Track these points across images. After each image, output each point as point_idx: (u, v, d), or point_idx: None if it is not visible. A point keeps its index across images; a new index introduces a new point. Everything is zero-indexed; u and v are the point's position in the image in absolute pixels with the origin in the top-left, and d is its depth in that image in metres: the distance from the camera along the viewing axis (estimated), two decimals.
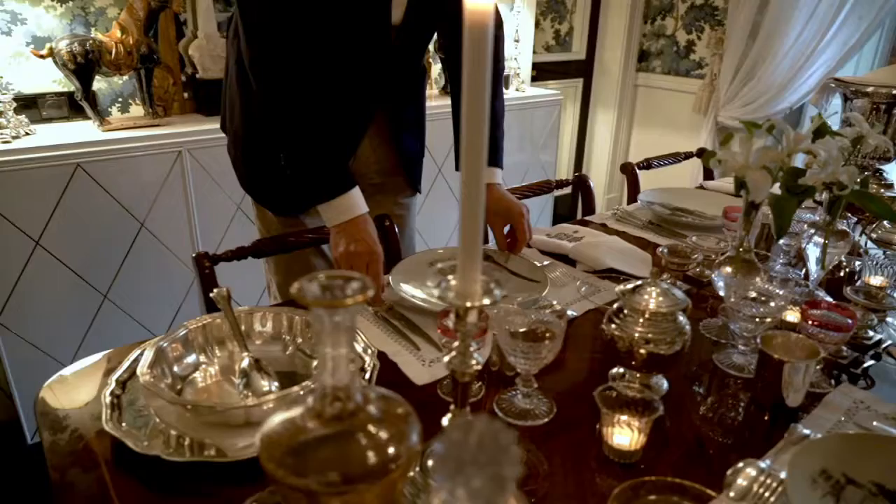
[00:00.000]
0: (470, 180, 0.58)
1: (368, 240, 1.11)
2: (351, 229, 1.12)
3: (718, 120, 3.29)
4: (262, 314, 0.99)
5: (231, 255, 1.17)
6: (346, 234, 1.11)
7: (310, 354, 0.94)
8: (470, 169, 0.58)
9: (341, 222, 1.12)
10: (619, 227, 1.56)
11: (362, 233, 1.11)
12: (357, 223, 1.12)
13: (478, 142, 0.57)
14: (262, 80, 1.12)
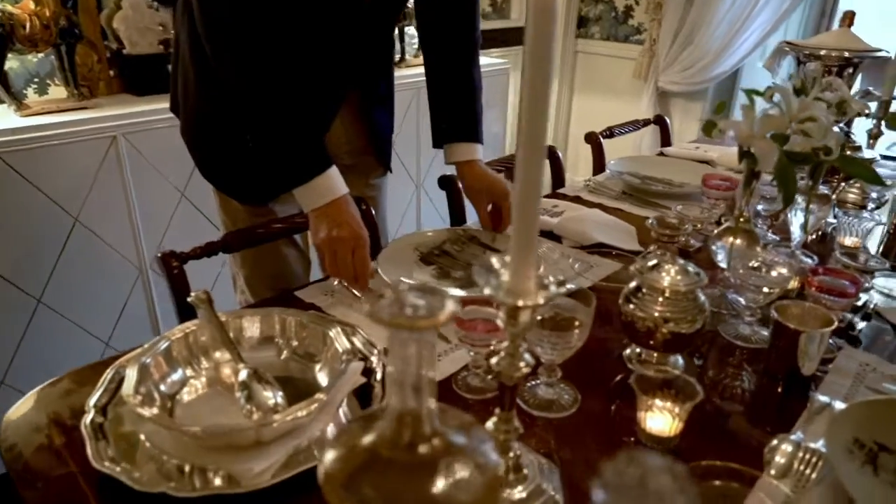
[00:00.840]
0: (526, 170, 0.52)
1: (352, 223, 1.03)
2: (332, 212, 1.03)
3: (659, 85, 3.34)
4: (249, 317, 0.90)
5: (200, 251, 1.06)
6: (327, 219, 1.03)
7: (311, 357, 0.87)
8: (526, 158, 0.52)
9: (320, 206, 1.03)
10: (594, 198, 1.54)
11: (345, 215, 1.03)
12: (338, 205, 1.04)
13: (537, 129, 0.51)
14: (222, 52, 1.01)
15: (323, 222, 1.03)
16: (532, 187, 0.53)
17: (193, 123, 1.19)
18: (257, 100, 1.00)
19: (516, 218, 0.54)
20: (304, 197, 1.04)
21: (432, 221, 2.79)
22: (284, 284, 1.35)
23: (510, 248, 0.56)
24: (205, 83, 1.13)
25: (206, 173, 1.25)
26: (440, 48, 1.27)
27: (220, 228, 1.33)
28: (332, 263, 1.03)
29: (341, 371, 0.77)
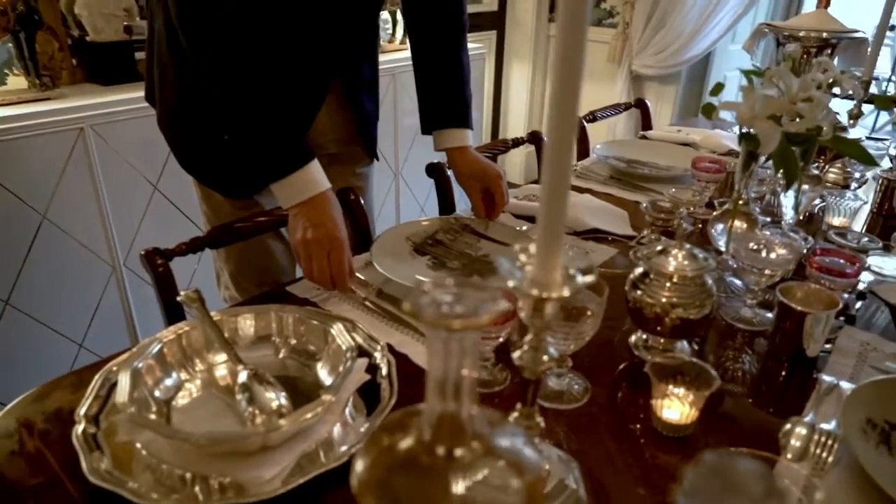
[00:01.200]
0: (555, 154, 0.49)
1: (328, 223, 0.97)
2: (310, 211, 0.98)
3: (633, 69, 3.35)
4: (244, 315, 0.86)
5: (186, 248, 1.01)
6: (304, 218, 0.97)
7: (311, 355, 0.83)
8: (555, 145, 0.49)
9: (299, 203, 0.98)
10: (583, 183, 1.52)
11: (322, 216, 0.98)
12: (317, 203, 0.98)
13: (567, 114, 0.48)
14: (197, 38, 0.95)
15: (300, 221, 0.98)
16: (561, 175, 0.50)
17: (171, 114, 1.14)
18: (234, 90, 0.94)
19: (544, 206, 0.52)
20: (281, 193, 0.99)
21: (411, 210, 2.76)
22: (271, 279, 1.31)
23: (536, 238, 0.53)
24: (182, 72, 1.07)
25: (186, 165, 1.19)
26: (427, 31, 1.23)
27: (200, 222, 1.28)
28: (307, 267, 0.98)
29: (346, 369, 0.73)
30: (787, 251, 0.93)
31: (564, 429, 0.75)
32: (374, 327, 0.92)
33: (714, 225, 1.04)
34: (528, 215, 1.31)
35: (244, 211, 1.21)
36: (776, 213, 1.27)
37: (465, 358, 0.39)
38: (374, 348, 0.82)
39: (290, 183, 0.97)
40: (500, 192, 1.22)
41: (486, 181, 1.23)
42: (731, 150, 1.74)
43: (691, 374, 0.73)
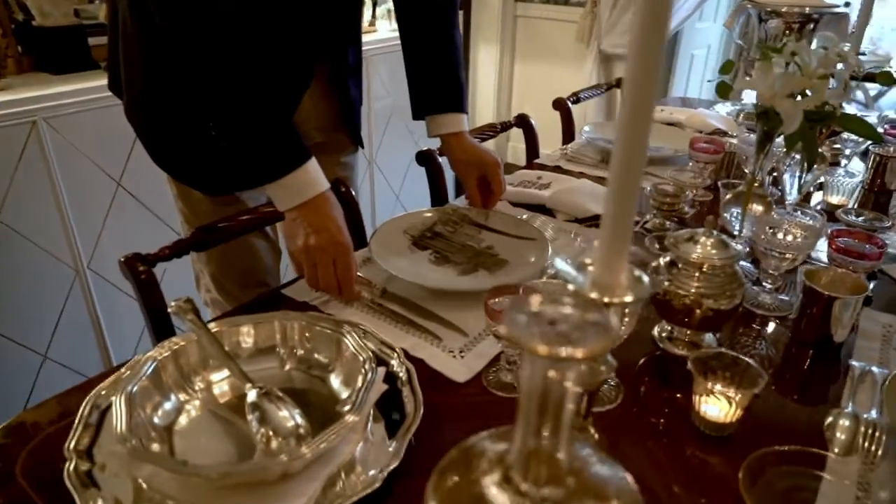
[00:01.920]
0: (626, 149, 0.44)
1: (332, 227, 0.89)
2: (310, 214, 0.90)
3: (602, 49, 3.32)
4: (244, 326, 0.78)
5: (169, 251, 0.92)
6: (304, 222, 0.89)
7: (321, 366, 0.77)
8: (627, 136, 0.44)
9: (297, 205, 0.90)
10: (574, 167, 1.48)
11: (325, 219, 0.90)
12: (317, 205, 0.90)
13: (643, 102, 0.42)
14: (175, 21, 0.86)
15: (300, 226, 0.90)
16: (632, 170, 0.45)
17: (143, 106, 1.03)
18: (223, 78, 0.85)
19: (611, 202, 0.46)
20: (277, 195, 0.90)
21: (387, 199, 2.68)
22: (256, 279, 1.23)
23: (600, 239, 0.48)
24: (156, 60, 0.97)
25: (161, 162, 1.10)
26: (418, 9, 1.15)
27: (169, 220, 1.19)
28: (311, 275, 0.90)
29: (368, 382, 0.67)
30: (805, 233, 0.90)
31: (601, 432, 0.71)
32: (384, 330, 0.85)
33: (728, 208, 1.00)
34: (524, 202, 1.26)
35: (226, 208, 1.12)
36: (779, 193, 1.25)
37: (568, 384, 0.33)
38: (390, 355, 0.76)
39: (288, 184, 0.89)
40: (498, 180, 1.16)
41: (483, 169, 1.17)
42: (718, 130, 1.72)
43: (735, 370, 0.69)
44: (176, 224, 1.80)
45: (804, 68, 0.87)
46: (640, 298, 0.48)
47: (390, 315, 0.90)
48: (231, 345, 0.77)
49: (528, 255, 1.02)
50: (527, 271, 0.97)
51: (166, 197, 1.18)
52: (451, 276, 0.99)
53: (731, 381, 0.68)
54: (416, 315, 0.89)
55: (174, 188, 1.14)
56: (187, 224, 1.16)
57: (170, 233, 1.79)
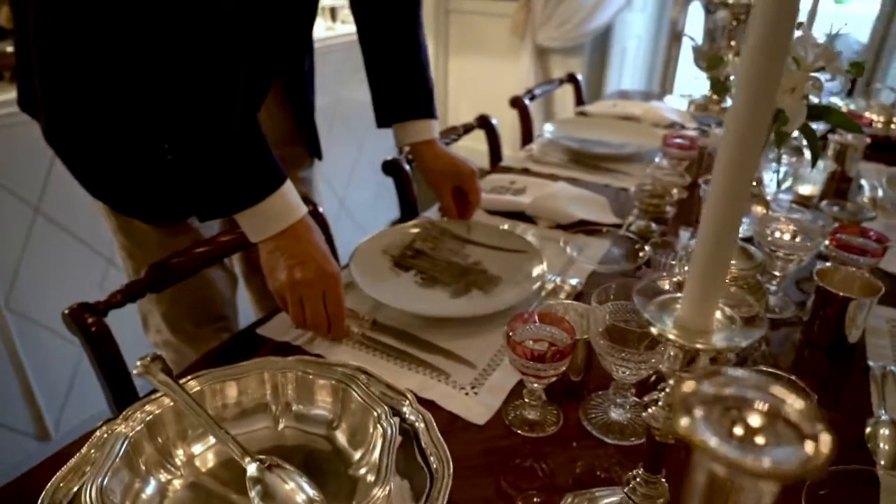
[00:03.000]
0: (728, 170, 0.37)
1: (318, 257, 0.79)
2: (291, 244, 0.79)
3: (537, 42, 3.30)
4: (225, 382, 0.67)
5: (121, 297, 0.79)
6: (284, 253, 0.79)
7: (322, 422, 0.67)
8: (733, 152, 0.37)
9: (274, 234, 0.79)
10: (544, 169, 1.43)
11: (308, 247, 0.79)
12: (297, 233, 0.79)
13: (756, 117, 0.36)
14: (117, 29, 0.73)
15: (279, 259, 0.79)
16: (735, 195, 0.38)
17: (69, 127, 0.88)
18: (178, 91, 0.72)
19: (706, 233, 0.40)
20: (250, 224, 0.79)
21: (329, 205, 2.55)
22: (214, 313, 1.10)
23: (689, 273, 0.42)
24: (87, 72, 0.83)
25: (95, 190, 0.95)
26: (378, 6, 1.05)
27: (102, 249, 1.04)
28: (297, 313, 0.80)
29: (390, 442, 0.58)
30: (804, 231, 0.88)
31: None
32: (381, 368, 0.76)
33: None
34: (502, 210, 1.19)
35: (176, 239, 0.99)
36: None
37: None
38: (400, 401, 0.67)
39: (262, 212, 0.77)
40: (476, 189, 1.09)
41: (458, 179, 1.09)
42: (674, 123, 1.72)
43: None
44: (107, 250, 1.63)
45: (801, 62, 0.84)
46: (736, 347, 0.42)
47: (385, 350, 0.81)
48: (214, 407, 0.66)
49: (520, 270, 0.96)
50: (524, 288, 0.90)
51: (97, 222, 1.03)
52: (443, 300, 0.91)
53: None
54: (415, 348, 0.81)
55: (113, 220, 0.99)
56: (131, 260, 1.02)
57: (101, 262, 1.61)
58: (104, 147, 0.89)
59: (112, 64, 0.79)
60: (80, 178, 0.94)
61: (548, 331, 0.68)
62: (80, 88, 0.86)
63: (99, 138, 0.89)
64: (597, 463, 0.65)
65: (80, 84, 0.85)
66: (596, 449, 0.67)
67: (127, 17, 0.69)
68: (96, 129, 0.88)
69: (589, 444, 0.68)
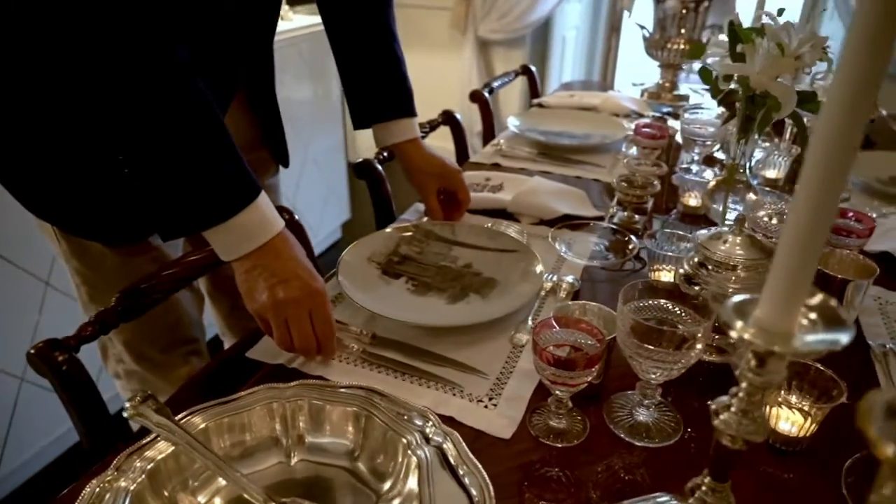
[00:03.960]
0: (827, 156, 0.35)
1: (302, 272, 0.72)
2: (271, 261, 0.72)
3: (479, 35, 3.28)
4: (228, 418, 0.61)
5: (93, 329, 0.70)
6: (265, 271, 0.71)
7: (342, 452, 0.61)
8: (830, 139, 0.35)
9: (250, 251, 0.71)
10: (514, 164, 1.40)
11: (290, 263, 0.72)
12: (276, 248, 0.72)
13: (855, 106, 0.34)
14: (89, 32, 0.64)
15: (259, 279, 0.71)
16: (830, 190, 0.36)
17: (5, 140, 0.78)
18: (132, 92, 0.64)
19: (793, 228, 0.37)
20: (223, 242, 0.71)
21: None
22: (181, 336, 1.02)
23: (772, 273, 0.39)
24: (24, 76, 0.74)
25: (41, 210, 0.85)
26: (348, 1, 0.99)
27: (42, 273, 0.94)
28: (282, 335, 0.73)
29: (428, 473, 0.54)
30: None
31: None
32: (390, 386, 0.71)
33: (714, 199, 0.97)
34: (482, 208, 1.16)
35: (136, 259, 0.90)
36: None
37: None
38: (425, 424, 0.63)
39: (236, 227, 0.69)
40: (465, 188, 1.05)
41: (445, 179, 1.05)
42: (632, 112, 1.73)
43: (809, 380, 0.65)
44: (43, 271, 1.48)
45: (784, 48, 0.85)
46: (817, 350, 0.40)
47: (390, 365, 0.76)
48: (219, 447, 0.59)
49: (514, 270, 0.93)
50: (525, 290, 0.87)
51: (33, 239, 0.93)
52: (441, 307, 0.87)
53: (803, 392, 0.64)
54: (422, 361, 0.76)
55: (63, 244, 0.89)
56: (87, 286, 0.92)
57: (38, 285, 1.47)
58: (50, 162, 0.80)
59: (56, 67, 0.70)
60: (21, 198, 0.84)
61: (569, 335, 0.65)
62: (19, 96, 0.76)
63: (43, 152, 0.79)
64: (634, 468, 0.63)
65: (19, 91, 0.75)
66: (628, 453, 0.65)
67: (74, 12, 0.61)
68: (40, 141, 0.79)
69: (618, 448, 0.65)
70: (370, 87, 1.02)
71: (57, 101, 0.75)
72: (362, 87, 1.03)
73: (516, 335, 0.81)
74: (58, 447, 1.65)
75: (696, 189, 1.15)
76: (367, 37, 1.01)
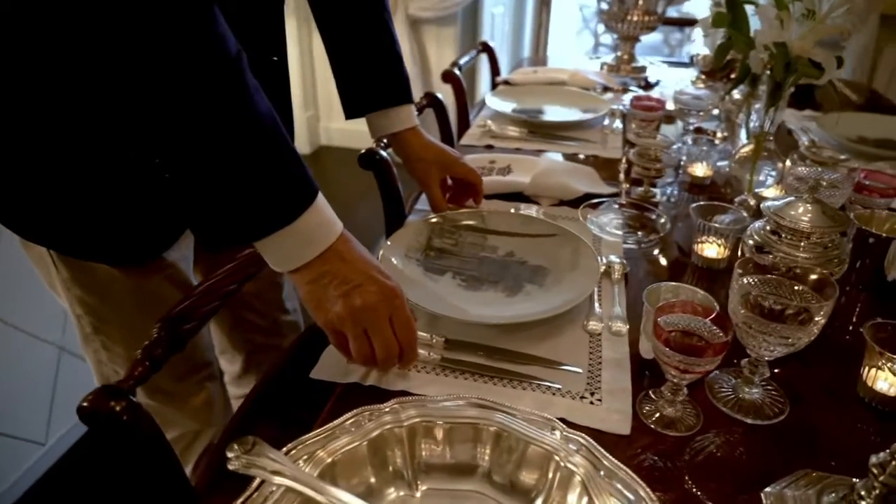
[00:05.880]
0: None
1: (375, 273, 0.65)
2: (339, 266, 0.63)
3: (409, 13, 3.19)
4: (345, 453, 0.54)
5: (143, 368, 0.60)
6: (334, 279, 0.63)
7: (489, 474, 0.56)
8: None
9: (313, 258, 0.62)
10: (507, 144, 1.36)
11: (360, 265, 0.64)
12: (340, 252, 0.64)
13: None
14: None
15: (328, 287, 0.63)
16: None
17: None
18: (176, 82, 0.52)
19: None
20: (283, 251, 0.62)
21: None
22: (197, 362, 0.93)
23: None
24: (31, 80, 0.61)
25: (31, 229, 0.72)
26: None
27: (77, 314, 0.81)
28: (361, 347, 0.65)
29: (588, 482, 0.50)
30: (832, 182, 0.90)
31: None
32: (483, 392, 0.66)
33: (743, 168, 0.98)
34: (498, 192, 1.11)
35: (150, 280, 0.79)
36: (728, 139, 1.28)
37: None
38: (553, 429, 0.58)
39: (297, 232, 0.60)
40: (471, 170, 1.00)
41: (449, 167, 0.99)
42: (599, 85, 1.73)
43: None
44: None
45: (815, 13, 0.85)
46: None
47: (474, 370, 0.70)
48: (344, 485, 0.52)
49: (562, 255, 0.89)
50: (586, 275, 0.83)
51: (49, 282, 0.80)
52: (502, 301, 0.82)
53: None
54: (504, 361, 0.71)
55: (62, 270, 0.76)
56: (91, 317, 0.80)
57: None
58: (50, 170, 0.67)
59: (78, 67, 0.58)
60: (8, 219, 0.71)
61: (680, 319, 0.63)
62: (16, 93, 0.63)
63: (44, 158, 0.66)
64: (760, 447, 0.62)
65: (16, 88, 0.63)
66: (745, 432, 0.64)
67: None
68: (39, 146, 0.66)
69: (734, 429, 0.64)
70: (365, 74, 0.94)
71: (65, 98, 0.63)
72: (356, 75, 0.94)
73: (590, 323, 0.78)
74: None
75: (703, 159, 1.16)
76: (359, 22, 0.93)
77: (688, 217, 1.06)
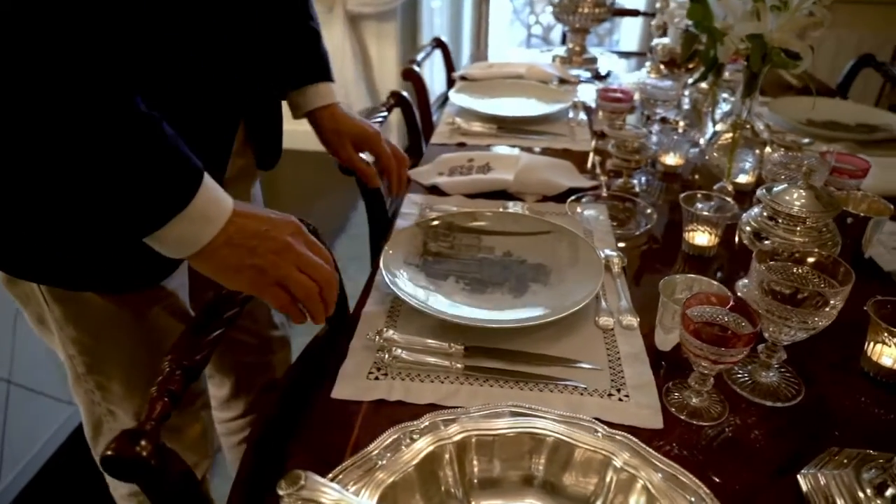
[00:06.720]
0: None
1: (270, 215, 0.61)
2: (236, 232, 0.58)
3: (347, 9, 3.12)
4: (394, 476, 0.52)
5: (163, 405, 0.56)
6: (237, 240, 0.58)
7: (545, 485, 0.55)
8: None
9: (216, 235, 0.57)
10: (479, 141, 1.35)
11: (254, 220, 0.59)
12: (236, 221, 0.58)
13: None
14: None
15: (232, 247, 0.58)
16: None
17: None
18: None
19: None
20: (183, 234, 0.56)
21: None
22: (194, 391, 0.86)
23: None
24: None
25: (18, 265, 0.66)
26: None
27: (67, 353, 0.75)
28: (278, 295, 0.60)
29: (650, 487, 0.50)
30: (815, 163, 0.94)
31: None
32: (511, 398, 0.65)
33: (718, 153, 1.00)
34: (482, 191, 1.10)
35: (150, 311, 0.74)
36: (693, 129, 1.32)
37: None
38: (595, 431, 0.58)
39: (191, 216, 0.55)
40: (385, 153, 0.97)
41: (364, 142, 0.97)
42: (555, 77, 1.75)
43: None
44: None
45: (789, 3, 0.89)
46: None
47: (497, 376, 0.69)
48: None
49: (560, 252, 0.89)
50: (590, 270, 0.84)
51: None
52: (510, 302, 0.81)
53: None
54: (525, 364, 0.71)
55: (54, 308, 0.70)
56: (85, 356, 0.74)
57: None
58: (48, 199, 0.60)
59: None
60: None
61: (703, 311, 0.64)
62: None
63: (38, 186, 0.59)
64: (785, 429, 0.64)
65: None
66: (766, 416, 0.66)
67: None
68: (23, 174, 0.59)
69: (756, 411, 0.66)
70: (285, 57, 0.90)
71: None
72: (277, 58, 0.90)
73: (601, 319, 0.78)
74: None
75: (675, 149, 1.19)
76: (284, 5, 0.89)
77: (666, 206, 1.09)
